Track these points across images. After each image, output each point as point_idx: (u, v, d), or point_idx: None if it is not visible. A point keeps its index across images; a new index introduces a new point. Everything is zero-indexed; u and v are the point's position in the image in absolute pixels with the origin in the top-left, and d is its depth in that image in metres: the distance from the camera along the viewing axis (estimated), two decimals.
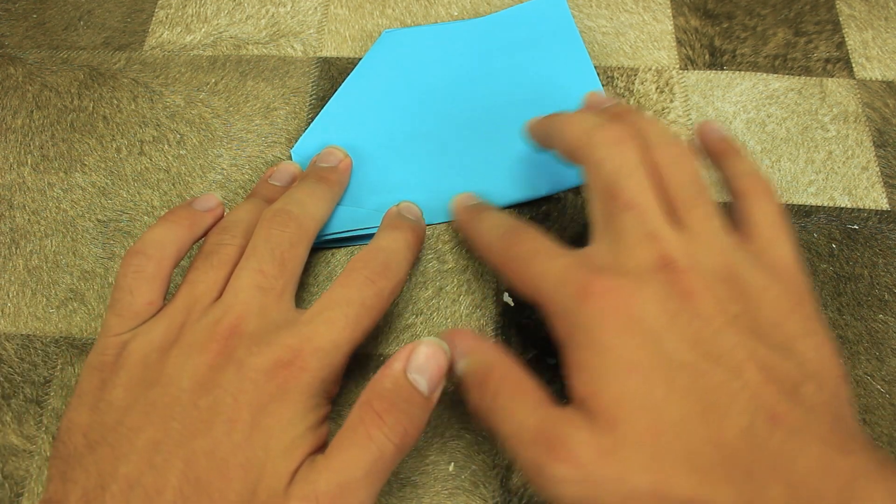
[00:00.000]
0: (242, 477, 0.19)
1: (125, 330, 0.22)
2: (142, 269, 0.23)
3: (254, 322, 0.22)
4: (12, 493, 0.25)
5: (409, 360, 0.21)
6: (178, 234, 0.24)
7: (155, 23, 0.34)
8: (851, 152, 0.31)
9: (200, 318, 0.22)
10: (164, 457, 0.19)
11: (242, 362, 0.20)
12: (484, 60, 0.32)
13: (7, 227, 0.30)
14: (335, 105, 0.31)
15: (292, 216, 0.24)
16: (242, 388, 0.20)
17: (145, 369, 0.21)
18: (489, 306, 0.28)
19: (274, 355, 0.20)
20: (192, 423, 0.19)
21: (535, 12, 0.33)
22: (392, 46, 0.33)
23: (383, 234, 0.25)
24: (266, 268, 0.23)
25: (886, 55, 0.33)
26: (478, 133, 0.31)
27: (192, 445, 0.19)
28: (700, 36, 0.33)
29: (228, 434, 0.19)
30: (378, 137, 0.31)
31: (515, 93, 0.31)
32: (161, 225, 0.24)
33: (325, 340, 0.21)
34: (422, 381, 0.20)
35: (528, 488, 0.25)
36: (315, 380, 0.21)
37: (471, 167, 0.30)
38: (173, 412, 0.20)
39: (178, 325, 0.22)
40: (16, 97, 0.32)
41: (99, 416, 0.20)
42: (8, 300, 0.28)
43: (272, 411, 0.20)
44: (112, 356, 0.22)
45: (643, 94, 0.32)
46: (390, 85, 0.32)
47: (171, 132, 0.31)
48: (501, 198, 0.29)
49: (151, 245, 0.23)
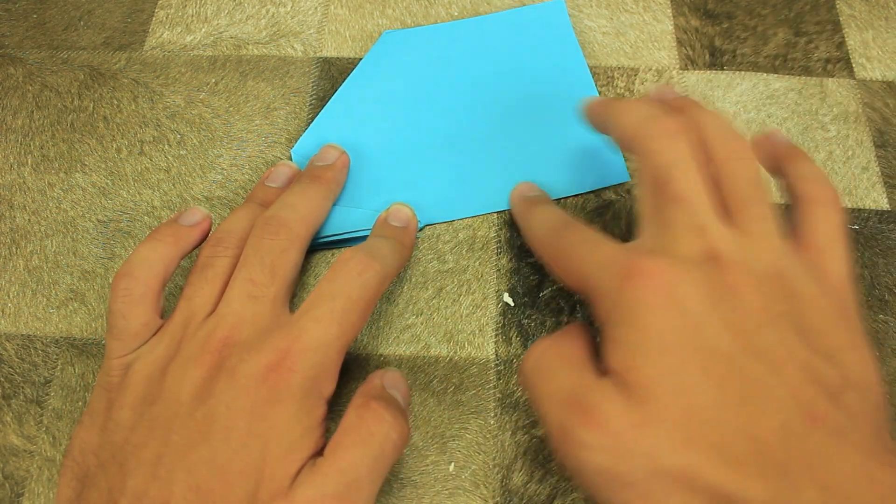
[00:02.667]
0: (243, 483, 0.19)
1: (127, 352, 0.23)
2: (131, 292, 0.23)
3: (246, 331, 0.22)
4: (12, 494, 0.25)
5: (383, 379, 0.23)
6: (163, 251, 0.24)
7: (155, 23, 0.34)
8: (852, 152, 0.31)
9: (196, 332, 0.22)
10: (167, 469, 0.19)
11: (234, 371, 0.21)
12: (483, 61, 0.32)
13: (7, 228, 0.30)
14: (335, 105, 0.31)
15: (283, 222, 0.24)
16: (235, 396, 0.20)
17: (148, 387, 0.21)
18: (489, 306, 0.28)
19: (263, 360, 0.21)
20: (190, 435, 0.20)
21: (534, 17, 0.33)
22: (392, 47, 0.33)
23: (369, 240, 0.26)
24: (256, 277, 0.23)
25: (887, 55, 0.33)
26: (477, 135, 0.31)
27: (193, 456, 0.20)
28: (700, 36, 0.33)
29: (226, 442, 0.20)
30: (378, 137, 0.31)
31: (513, 96, 0.32)
32: (146, 244, 0.24)
33: (311, 339, 0.21)
34: (397, 394, 0.23)
35: (528, 488, 0.25)
36: (305, 380, 0.21)
37: (470, 169, 0.30)
38: (173, 425, 0.20)
39: (177, 342, 0.22)
40: (16, 97, 0.32)
41: (108, 435, 0.21)
42: (8, 300, 0.28)
43: (267, 416, 0.20)
44: (118, 377, 0.22)
45: (643, 95, 0.32)
46: (390, 85, 0.32)
47: (172, 132, 0.31)
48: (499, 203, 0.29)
49: (138, 266, 0.23)
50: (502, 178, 0.30)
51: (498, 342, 0.27)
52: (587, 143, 0.30)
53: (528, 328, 0.27)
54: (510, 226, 0.29)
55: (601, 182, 0.30)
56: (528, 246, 0.28)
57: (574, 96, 0.31)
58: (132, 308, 0.23)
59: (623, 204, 0.30)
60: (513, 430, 0.26)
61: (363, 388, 0.22)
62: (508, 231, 0.29)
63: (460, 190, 0.30)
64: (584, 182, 0.30)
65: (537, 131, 0.31)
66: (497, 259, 0.29)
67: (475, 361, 0.27)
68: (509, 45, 0.33)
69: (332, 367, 0.22)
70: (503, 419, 0.26)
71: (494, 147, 0.30)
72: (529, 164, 0.30)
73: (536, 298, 0.28)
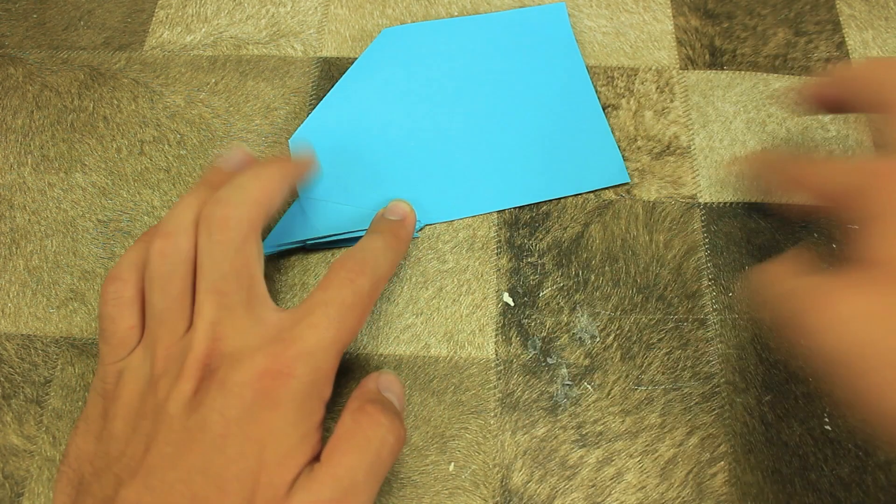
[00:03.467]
0: (239, 490, 0.19)
1: (118, 358, 0.22)
2: (119, 295, 0.23)
3: (230, 340, 0.21)
4: (13, 494, 0.25)
5: (378, 382, 0.23)
6: None
7: (155, 23, 0.34)
8: (851, 152, 0.31)
9: (179, 349, 0.22)
10: (160, 479, 0.19)
11: (224, 380, 0.20)
12: (482, 60, 0.32)
13: (7, 227, 0.30)
14: (333, 98, 0.31)
15: (228, 217, 0.22)
16: (227, 404, 0.20)
17: (139, 401, 0.21)
18: (489, 306, 0.28)
19: (257, 366, 0.20)
20: (182, 444, 0.20)
21: (535, 18, 0.33)
22: (391, 43, 0.33)
23: (364, 236, 0.25)
24: (220, 286, 0.22)
25: (886, 55, 0.33)
26: (476, 134, 0.31)
27: (185, 465, 0.19)
28: (700, 36, 0.33)
29: (221, 449, 0.19)
30: (375, 133, 0.31)
31: (512, 95, 0.32)
32: (134, 247, 0.24)
33: (310, 344, 0.21)
34: (392, 397, 0.23)
35: (527, 488, 0.25)
36: (304, 385, 0.20)
37: (469, 168, 0.30)
38: (166, 438, 0.20)
39: (160, 357, 0.22)
40: (16, 97, 0.32)
41: (104, 446, 0.21)
42: (8, 300, 0.28)
43: (263, 421, 0.20)
44: (112, 384, 0.22)
45: (643, 94, 0.32)
46: (389, 80, 0.32)
47: (172, 132, 0.31)
48: (499, 202, 0.29)
49: (126, 269, 0.23)
50: (501, 178, 0.30)
51: (498, 342, 0.27)
52: (586, 143, 0.30)
53: (528, 328, 0.27)
54: (510, 226, 0.29)
55: (601, 182, 0.30)
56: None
57: (572, 98, 0.31)
58: (120, 311, 0.23)
59: (623, 204, 0.30)
60: (513, 430, 0.26)
61: (358, 392, 0.22)
62: (508, 231, 0.29)
63: (460, 189, 0.30)
64: (583, 182, 0.30)
65: (536, 131, 0.31)
66: (497, 259, 0.29)
67: (475, 361, 0.27)
68: (509, 45, 0.33)
69: (330, 371, 0.22)
70: (503, 419, 0.26)
71: (493, 146, 0.30)
72: (528, 163, 0.30)
73: (536, 298, 0.28)
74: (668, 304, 0.28)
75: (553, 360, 0.27)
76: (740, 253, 0.28)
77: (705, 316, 0.27)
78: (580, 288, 0.28)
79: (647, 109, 0.32)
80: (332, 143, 0.30)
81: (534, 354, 0.27)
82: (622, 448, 0.25)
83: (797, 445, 0.25)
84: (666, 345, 0.27)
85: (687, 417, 0.26)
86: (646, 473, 0.25)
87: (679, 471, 0.25)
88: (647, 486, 0.25)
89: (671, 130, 0.31)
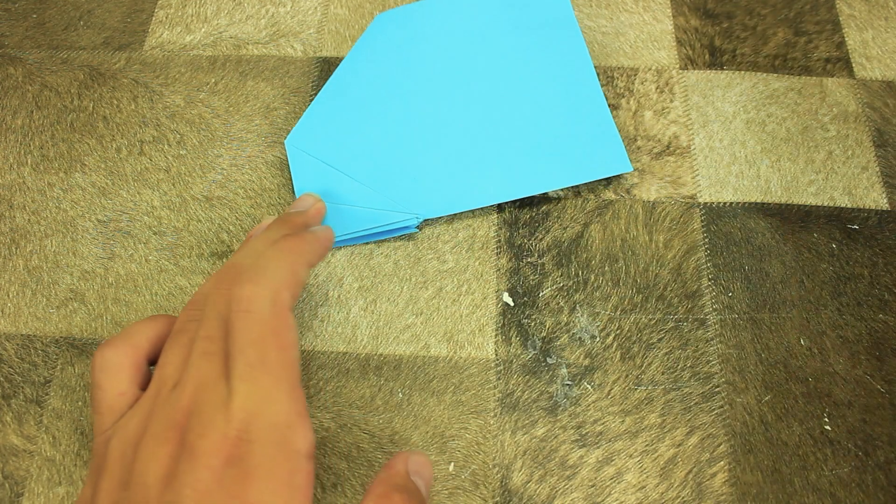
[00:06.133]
0: None
1: (108, 427, 0.21)
2: (107, 362, 0.22)
3: (204, 397, 0.20)
4: (12, 493, 0.25)
5: (407, 463, 0.21)
6: (152, 324, 0.23)
7: (155, 23, 0.34)
8: (851, 152, 0.31)
9: (164, 405, 0.21)
10: None
11: (194, 448, 0.19)
12: (480, 42, 0.32)
13: (7, 227, 0.30)
14: (327, 93, 0.31)
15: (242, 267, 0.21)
16: (198, 478, 0.19)
17: (122, 469, 0.20)
18: (489, 306, 0.28)
19: (219, 432, 0.19)
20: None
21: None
22: (385, 28, 0.32)
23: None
24: (209, 332, 0.21)
25: (886, 55, 0.33)
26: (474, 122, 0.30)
27: None
28: (700, 36, 0.33)
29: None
30: (373, 126, 0.30)
31: (511, 80, 0.31)
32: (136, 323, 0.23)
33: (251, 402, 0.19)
34: (421, 483, 0.21)
35: (527, 488, 0.25)
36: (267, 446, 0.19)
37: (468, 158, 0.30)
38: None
39: (147, 415, 0.21)
40: (16, 97, 0.32)
41: None
42: (8, 300, 0.28)
43: (239, 495, 0.19)
44: (101, 455, 0.21)
45: (643, 94, 0.32)
46: (385, 69, 0.31)
47: (171, 132, 0.31)
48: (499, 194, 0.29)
49: (119, 337, 0.23)
50: (502, 168, 0.29)
51: (498, 342, 0.27)
52: (588, 131, 0.30)
53: (528, 328, 0.27)
54: (510, 226, 0.29)
55: (603, 171, 0.29)
56: None
57: (575, 83, 0.31)
58: (108, 378, 0.22)
59: (623, 204, 0.30)
60: (513, 430, 0.26)
61: (385, 475, 0.20)
62: (508, 231, 0.29)
63: (459, 180, 0.29)
64: (585, 172, 0.29)
65: (537, 118, 0.30)
66: (497, 259, 0.29)
67: (475, 361, 0.27)
68: (508, 26, 0.32)
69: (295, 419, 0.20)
70: (503, 419, 0.26)
71: (492, 134, 0.30)
72: (529, 153, 0.30)
73: (536, 298, 0.28)
74: (667, 304, 0.28)
75: (553, 360, 0.27)
76: (740, 253, 0.29)
77: (705, 316, 0.27)
78: (580, 288, 0.28)
79: (646, 109, 0.32)
80: (329, 143, 0.30)
81: (534, 354, 0.27)
82: (622, 448, 0.26)
83: (797, 445, 0.25)
84: (666, 345, 0.27)
85: (687, 417, 0.26)
86: (646, 473, 0.25)
87: (679, 471, 0.25)
88: (647, 486, 0.25)
89: (671, 130, 0.31)
